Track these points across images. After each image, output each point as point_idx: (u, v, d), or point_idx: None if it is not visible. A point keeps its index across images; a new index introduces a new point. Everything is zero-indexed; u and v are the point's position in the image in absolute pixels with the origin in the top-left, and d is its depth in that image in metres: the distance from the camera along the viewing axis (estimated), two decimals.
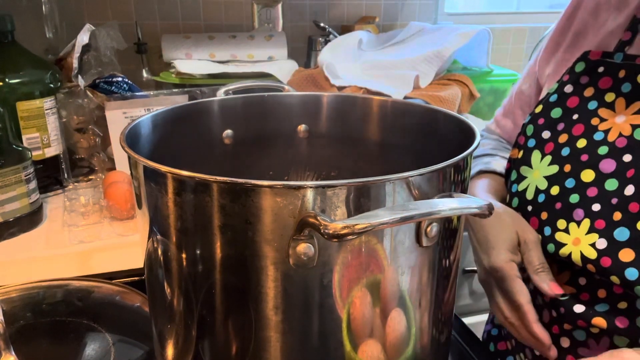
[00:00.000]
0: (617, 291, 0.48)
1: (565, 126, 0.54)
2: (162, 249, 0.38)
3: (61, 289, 0.60)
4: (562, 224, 0.51)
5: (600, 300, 0.49)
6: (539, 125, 0.56)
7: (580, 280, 0.51)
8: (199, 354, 0.39)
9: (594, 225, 0.48)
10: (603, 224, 0.48)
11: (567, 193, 0.51)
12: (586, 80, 0.54)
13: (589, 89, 0.53)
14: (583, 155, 0.51)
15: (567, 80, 0.55)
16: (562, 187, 0.52)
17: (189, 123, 0.53)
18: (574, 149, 0.52)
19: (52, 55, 1.12)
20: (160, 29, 1.37)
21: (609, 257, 0.46)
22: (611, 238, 0.47)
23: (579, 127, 0.52)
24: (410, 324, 0.38)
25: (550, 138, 0.55)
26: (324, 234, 0.30)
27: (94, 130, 0.94)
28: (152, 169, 0.35)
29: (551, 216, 0.52)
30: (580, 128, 0.52)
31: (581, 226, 0.49)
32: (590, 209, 0.49)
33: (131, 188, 0.78)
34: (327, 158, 0.59)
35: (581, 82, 0.54)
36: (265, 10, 1.40)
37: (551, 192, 0.53)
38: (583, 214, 0.49)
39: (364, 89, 1.14)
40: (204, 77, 1.22)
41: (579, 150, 0.51)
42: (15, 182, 0.76)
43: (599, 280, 0.50)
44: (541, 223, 0.53)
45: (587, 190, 0.50)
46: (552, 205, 0.52)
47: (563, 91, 0.55)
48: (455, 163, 0.36)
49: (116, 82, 1.01)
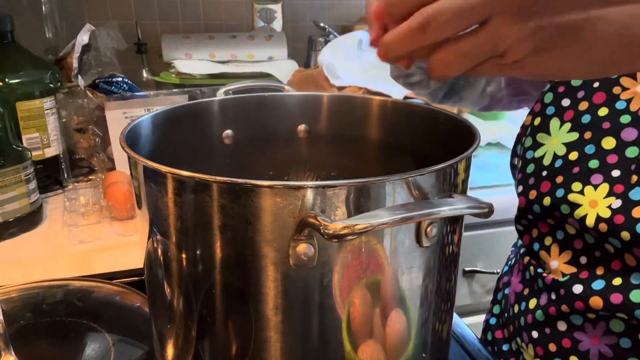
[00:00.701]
0: (615, 267, 0.49)
1: (585, 94, 0.54)
2: (162, 249, 0.38)
3: (61, 289, 0.60)
4: (578, 186, 0.51)
5: (598, 277, 0.50)
6: (559, 93, 0.56)
7: (581, 259, 0.52)
8: (199, 354, 0.39)
9: (613, 189, 0.49)
10: (622, 188, 0.49)
11: (587, 159, 0.51)
12: None
13: None
14: (605, 123, 0.51)
15: None
16: (582, 153, 0.52)
17: (189, 123, 0.53)
18: (595, 117, 0.52)
19: (52, 55, 1.12)
20: (160, 29, 1.37)
21: (622, 215, 0.47)
22: (626, 198, 0.48)
23: (600, 96, 0.53)
24: (410, 324, 0.38)
25: (570, 106, 0.55)
26: (324, 234, 0.30)
27: (94, 130, 0.94)
28: (152, 169, 0.35)
29: (566, 179, 0.52)
30: (602, 96, 0.52)
31: (598, 190, 0.50)
32: (609, 174, 0.50)
33: (131, 188, 0.78)
34: (327, 158, 0.59)
35: None
36: (265, 10, 1.40)
37: (569, 157, 0.53)
38: (602, 178, 0.50)
39: (364, 89, 1.14)
40: (204, 77, 1.22)
41: (600, 118, 0.52)
42: (15, 182, 0.76)
43: (599, 257, 0.51)
44: (554, 186, 0.53)
45: (607, 157, 0.50)
46: (570, 169, 0.52)
47: None
48: (455, 163, 0.36)
49: (116, 82, 1.01)
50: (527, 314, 0.57)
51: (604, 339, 0.50)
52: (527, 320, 0.57)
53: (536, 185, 0.55)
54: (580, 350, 0.51)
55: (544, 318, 0.55)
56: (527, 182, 0.56)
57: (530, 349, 0.56)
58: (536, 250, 0.57)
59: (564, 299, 0.52)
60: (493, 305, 0.69)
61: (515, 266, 0.63)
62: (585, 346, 0.51)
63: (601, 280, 0.50)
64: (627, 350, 0.48)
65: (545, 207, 0.54)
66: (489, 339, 0.67)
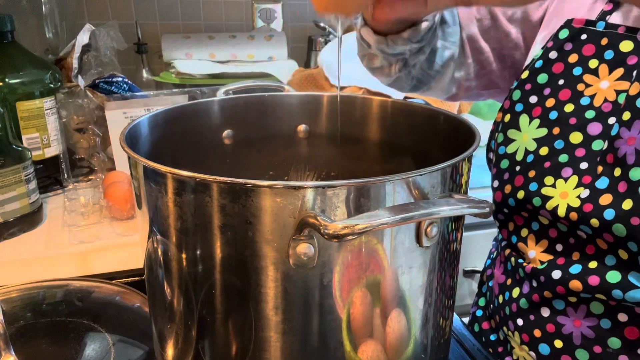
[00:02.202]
0: (590, 251, 0.52)
1: (551, 91, 0.57)
2: (162, 249, 0.38)
3: (61, 289, 0.60)
4: (550, 180, 0.54)
5: (575, 261, 0.53)
6: (526, 91, 0.59)
7: (557, 247, 0.55)
8: (199, 354, 0.39)
9: (582, 180, 0.52)
10: (589, 179, 0.51)
11: (557, 153, 0.54)
12: (570, 47, 0.57)
13: (573, 55, 0.56)
14: (571, 119, 0.54)
15: (551, 47, 0.58)
16: (552, 148, 0.55)
17: (189, 123, 0.53)
18: (562, 113, 0.55)
19: (52, 55, 1.12)
20: (160, 29, 1.37)
21: (591, 203, 0.50)
22: (594, 187, 0.50)
23: (566, 92, 0.55)
24: (410, 324, 0.38)
25: (538, 102, 0.57)
26: (324, 234, 0.30)
27: (94, 130, 0.94)
28: (152, 169, 0.35)
29: (538, 173, 0.55)
30: (567, 93, 0.55)
31: (568, 182, 0.53)
32: (578, 167, 0.52)
33: (131, 188, 0.78)
34: (327, 158, 0.59)
35: (565, 49, 0.57)
36: (265, 10, 1.40)
37: (540, 152, 0.56)
38: (572, 171, 0.53)
39: (364, 89, 1.14)
40: (204, 77, 1.22)
41: (567, 114, 0.55)
42: (15, 182, 0.76)
43: (573, 244, 0.53)
44: (527, 180, 0.56)
45: (575, 150, 0.53)
46: (541, 164, 0.55)
47: (548, 57, 0.58)
48: (455, 163, 0.36)
49: (116, 82, 1.01)
50: (511, 303, 0.59)
51: (586, 321, 0.52)
52: (511, 309, 0.59)
53: (510, 180, 0.57)
54: (563, 334, 0.53)
55: (527, 305, 0.56)
56: (502, 177, 0.59)
57: (517, 336, 0.58)
58: (514, 242, 0.59)
59: (545, 285, 0.54)
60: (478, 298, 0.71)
61: (497, 259, 0.65)
62: (569, 329, 0.53)
63: (578, 264, 0.52)
64: (608, 330, 0.50)
65: (519, 200, 0.56)
66: (476, 331, 0.69)
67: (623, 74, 0.52)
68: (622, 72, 0.52)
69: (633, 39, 0.52)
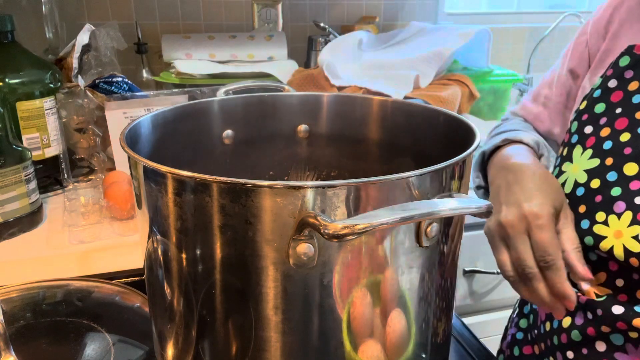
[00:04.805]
0: None
1: (607, 120, 0.53)
2: (162, 249, 0.38)
3: (61, 289, 0.60)
4: (602, 216, 0.50)
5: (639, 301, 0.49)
6: (582, 121, 0.55)
7: (617, 281, 0.50)
8: (199, 354, 0.39)
9: (636, 217, 0.47)
10: None
11: (609, 186, 0.50)
12: (630, 75, 0.53)
13: (634, 83, 0.52)
14: (626, 149, 0.50)
15: (610, 75, 0.55)
16: (603, 180, 0.51)
17: (189, 123, 0.53)
18: (616, 143, 0.51)
19: (52, 55, 1.12)
20: (160, 29, 1.37)
21: None
22: None
23: (623, 121, 0.52)
24: (410, 324, 0.38)
25: (592, 132, 0.54)
26: (324, 234, 0.30)
27: (94, 130, 0.94)
28: (152, 169, 0.35)
29: (590, 209, 0.51)
30: (624, 122, 0.52)
31: (622, 218, 0.48)
32: (632, 201, 0.48)
33: (131, 188, 0.78)
34: (327, 158, 0.59)
35: (625, 77, 0.53)
36: (265, 10, 1.40)
37: (591, 185, 0.51)
38: (625, 206, 0.48)
39: (364, 89, 1.14)
40: (204, 77, 1.22)
41: (622, 143, 0.51)
42: (15, 182, 0.76)
43: (637, 280, 0.49)
44: (578, 216, 0.52)
45: (630, 183, 0.49)
46: (592, 198, 0.51)
47: (607, 86, 0.54)
48: (455, 163, 0.36)
49: (116, 82, 1.01)
50: (560, 332, 0.55)
51: None
52: (560, 340, 0.55)
53: None
54: None
55: (580, 338, 0.53)
56: None
57: None
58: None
59: (603, 320, 0.50)
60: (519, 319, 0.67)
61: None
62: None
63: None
64: None
65: None
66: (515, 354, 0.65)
67: None
68: None
69: None
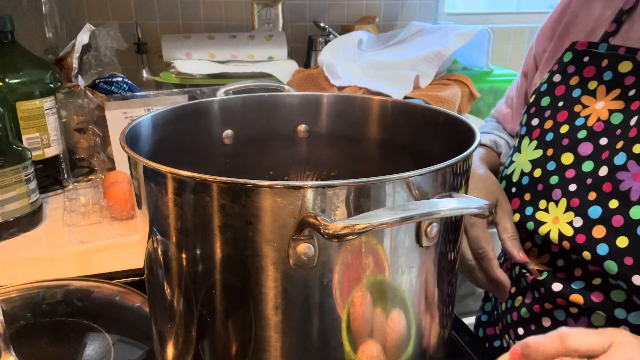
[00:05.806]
0: (592, 268, 0.51)
1: (551, 113, 0.58)
2: (162, 249, 0.38)
3: (61, 289, 0.60)
4: (543, 204, 0.54)
5: (576, 278, 0.52)
6: (531, 114, 0.60)
7: (558, 262, 0.55)
8: (199, 354, 0.39)
9: (570, 204, 0.52)
10: (577, 202, 0.51)
11: (548, 175, 0.55)
12: (572, 70, 0.57)
13: (575, 77, 0.57)
14: (564, 140, 0.55)
15: (556, 70, 0.59)
16: (544, 170, 0.55)
17: (189, 123, 0.53)
18: (556, 134, 0.56)
19: (52, 55, 1.12)
20: (160, 29, 1.37)
21: (584, 234, 0.50)
22: (586, 216, 0.50)
23: (563, 114, 0.56)
24: (410, 324, 0.38)
25: (538, 125, 0.58)
26: (324, 234, 0.30)
27: (94, 130, 0.94)
28: (152, 169, 0.35)
29: (533, 197, 0.56)
30: (564, 114, 0.56)
31: (559, 205, 0.53)
32: (567, 189, 0.52)
33: (131, 188, 0.78)
34: (327, 158, 0.59)
35: (568, 72, 0.58)
36: (265, 10, 1.40)
37: (534, 174, 0.56)
38: (560, 193, 0.53)
39: (364, 89, 1.14)
40: (204, 77, 1.22)
41: (561, 135, 0.55)
42: (15, 182, 0.76)
43: (574, 260, 0.53)
44: (523, 203, 0.56)
45: (565, 172, 0.53)
46: (535, 186, 0.56)
47: (552, 80, 0.59)
48: (455, 163, 0.36)
49: (116, 82, 1.01)
50: (512, 311, 0.59)
51: None
52: (512, 318, 0.59)
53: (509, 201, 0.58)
54: None
55: (528, 315, 0.57)
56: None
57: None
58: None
59: (546, 297, 0.54)
60: (484, 303, 0.71)
61: (503, 265, 0.65)
62: None
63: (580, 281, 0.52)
64: None
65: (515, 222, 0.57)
66: (480, 336, 0.69)
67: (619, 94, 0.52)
68: (619, 93, 0.52)
69: (632, 59, 0.52)
